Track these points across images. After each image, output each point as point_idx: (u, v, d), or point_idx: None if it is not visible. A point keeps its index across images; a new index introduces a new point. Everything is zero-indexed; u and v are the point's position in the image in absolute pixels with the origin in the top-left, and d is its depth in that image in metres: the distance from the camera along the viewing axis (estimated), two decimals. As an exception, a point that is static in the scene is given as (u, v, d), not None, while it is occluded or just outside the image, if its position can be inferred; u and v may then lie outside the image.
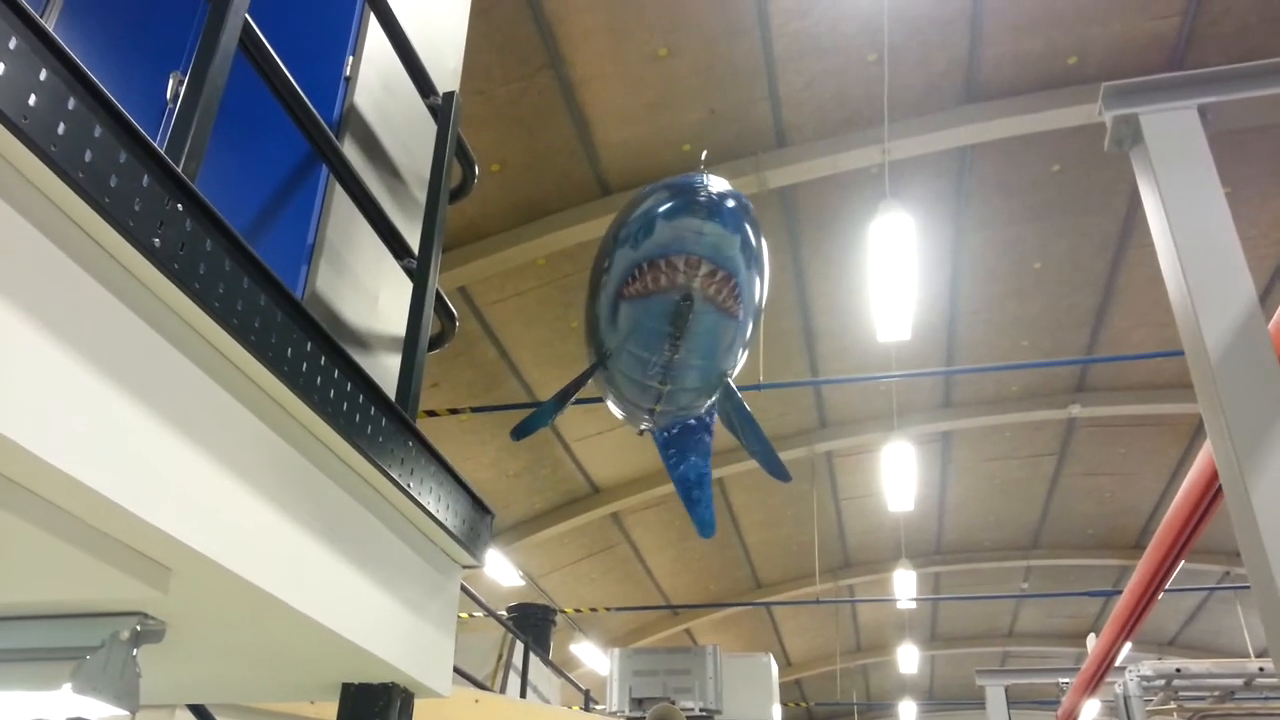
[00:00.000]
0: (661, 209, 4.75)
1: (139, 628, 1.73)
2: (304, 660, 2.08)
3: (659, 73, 10.06)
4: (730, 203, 4.74)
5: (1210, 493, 4.93)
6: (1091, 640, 10.25)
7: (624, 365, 5.55)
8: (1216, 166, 3.88)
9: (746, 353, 5.93)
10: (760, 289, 5.26)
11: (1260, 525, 3.05)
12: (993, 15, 9.72)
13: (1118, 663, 8.67)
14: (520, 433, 6.25)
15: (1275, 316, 3.93)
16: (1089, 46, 10.09)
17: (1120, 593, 7.51)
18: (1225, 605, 21.55)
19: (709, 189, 4.78)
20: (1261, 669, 8.42)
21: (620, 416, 6.59)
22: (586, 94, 10.22)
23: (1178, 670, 8.58)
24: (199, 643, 1.96)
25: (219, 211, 1.52)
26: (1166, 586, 6.64)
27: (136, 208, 1.35)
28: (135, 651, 1.71)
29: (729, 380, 5.94)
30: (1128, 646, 8.50)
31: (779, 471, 6.47)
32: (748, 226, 4.87)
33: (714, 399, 6.17)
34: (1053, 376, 15.67)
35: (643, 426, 6.61)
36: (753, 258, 5.01)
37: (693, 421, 6.77)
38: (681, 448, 7.15)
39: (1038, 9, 9.69)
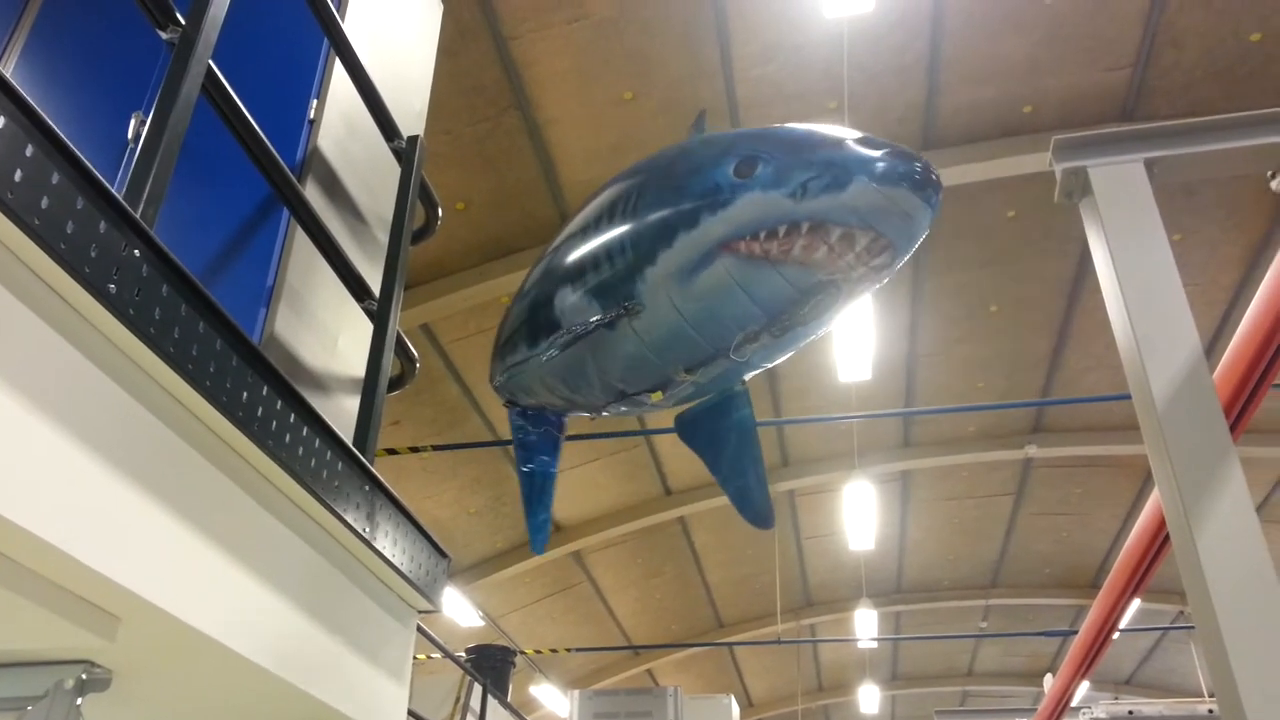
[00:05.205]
0: (868, 164, 3.50)
1: (85, 676, 1.69)
2: (255, 708, 2.04)
3: (624, 115, 10.17)
4: (936, 177, 3.60)
5: (1160, 537, 5.02)
6: (1048, 680, 10.32)
7: (647, 333, 4.07)
8: (1167, 215, 3.99)
9: None
10: None
11: (1205, 572, 3.11)
12: (949, 66, 9.97)
13: (1074, 703, 8.73)
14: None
15: (1219, 366, 4.04)
16: (1044, 96, 10.38)
17: (1076, 633, 7.59)
18: (1180, 645, 21.80)
19: (922, 157, 3.60)
20: (1211, 710, 8.52)
21: (551, 395, 4.88)
22: (552, 134, 10.31)
23: (1130, 713, 8.66)
24: (147, 691, 1.92)
25: (176, 256, 1.52)
26: (1121, 627, 6.72)
27: (93, 254, 1.35)
28: (80, 701, 1.67)
29: (746, 388, 4.76)
30: (1085, 686, 8.56)
31: (762, 514, 4.79)
32: None
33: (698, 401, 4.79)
34: (1009, 417, 15.89)
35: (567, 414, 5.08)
36: None
37: (551, 416, 5.31)
38: (539, 444, 5.52)
39: (993, 60, 9.96)
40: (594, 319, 4.10)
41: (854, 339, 10.37)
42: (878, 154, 3.48)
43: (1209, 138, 4.15)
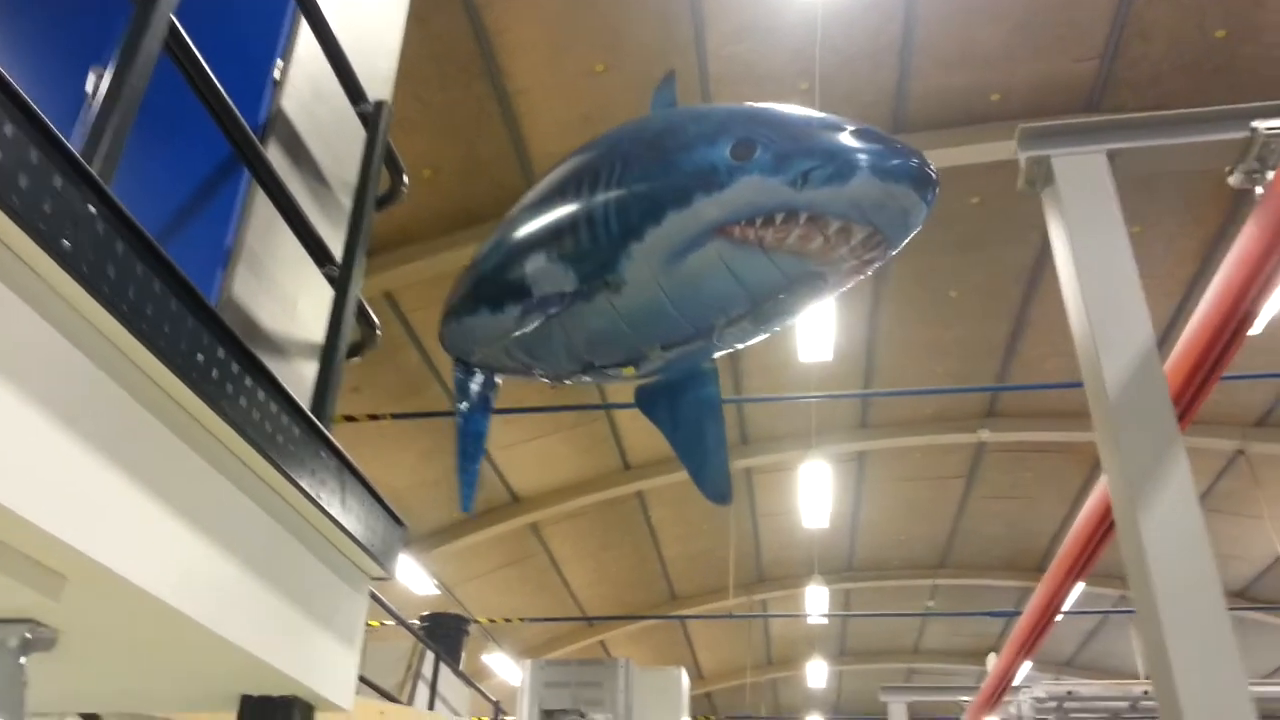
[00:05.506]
0: (872, 158, 3.39)
1: (29, 635, 1.68)
2: (202, 671, 2.04)
3: (595, 87, 10.10)
4: (935, 175, 3.53)
5: (1106, 522, 5.15)
6: (992, 659, 10.56)
7: (626, 308, 3.92)
8: (1127, 205, 4.07)
9: None
10: None
11: (1147, 557, 3.20)
12: (921, 51, 10.01)
13: (1016, 682, 8.95)
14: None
15: (1170, 357, 4.13)
16: (1012, 84, 10.46)
17: (1020, 613, 7.76)
18: (1120, 628, 22.38)
19: (920, 154, 3.51)
20: (1146, 692, 8.78)
21: (509, 359, 4.69)
22: (523, 104, 10.22)
23: (1069, 693, 8.90)
24: (93, 651, 1.91)
25: (133, 214, 1.49)
26: (1063, 610, 6.89)
27: (47, 209, 1.32)
28: (23, 660, 1.66)
29: (715, 366, 4.69)
30: (1027, 666, 8.78)
31: (722, 491, 4.75)
32: None
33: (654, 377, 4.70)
34: (964, 401, 16.13)
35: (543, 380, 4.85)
36: None
37: (491, 375, 5.13)
38: (478, 401, 5.28)
39: (964, 47, 10.01)
40: (569, 290, 3.93)
41: (816, 320, 10.45)
42: (881, 148, 3.42)
43: (1170, 132, 4.23)
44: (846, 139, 3.47)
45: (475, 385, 5.32)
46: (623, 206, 3.78)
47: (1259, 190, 3.82)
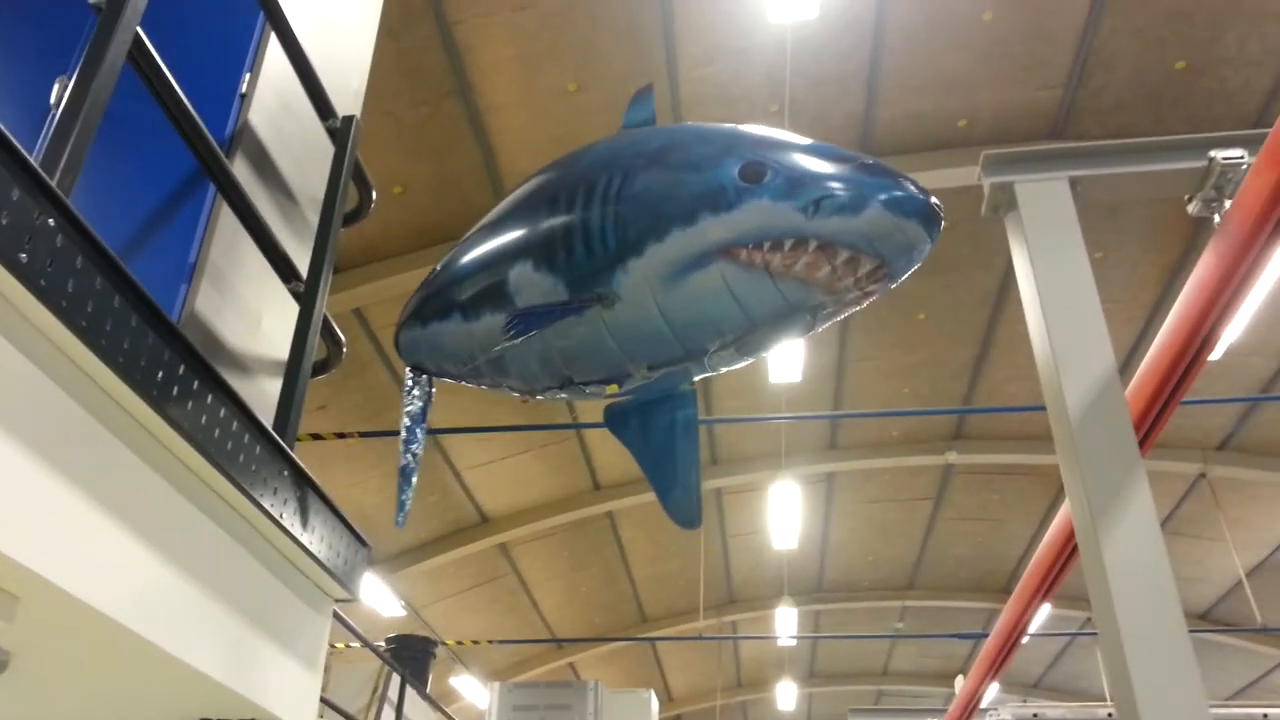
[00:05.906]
0: (885, 192, 3.47)
1: (-21, 658, 1.64)
2: (160, 695, 2.00)
3: (567, 107, 10.14)
4: (943, 213, 3.62)
5: (1070, 544, 5.19)
6: (960, 682, 10.60)
7: (618, 326, 3.86)
8: (1090, 232, 4.13)
9: None
10: None
11: (1109, 580, 3.23)
12: (889, 76, 10.14)
13: (983, 704, 8.98)
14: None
15: (1132, 382, 4.18)
16: (979, 111, 10.62)
17: (988, 635, 7.79)
18: (1087, 650, 22.55)
19: (928, 191, 3.61)
20: (1110, 714, 8.84)
21: (476, 372, 4.51)
22: (494, 122, 10.23)
23: (1035, 715, 8.94)
24: (48, 674, 1.86)
25: (92, 227, 1.47)
26: (1029, 632, 6.93)
27: (4, 221, 1.30)
28: (-27, 683, 1.62)
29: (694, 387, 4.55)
30: (994, 688, 8.81)
31: (691, 516, 4.41)
32: None
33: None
34: (931, 424, 16.25)
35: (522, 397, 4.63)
36: None
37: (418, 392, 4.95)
38: (422, 411, 5.04)
39: (932, 73, 10.16)
40: (558, 301, 3.83)
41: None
42: (893, 182, 3.48)
43: (1131, 160, 4.30)
44: (857, 171, 3.52)
45: (425, 396, 5.13)
46: (623, 220, 3.73)
47: (1217, 218, 3.89)
